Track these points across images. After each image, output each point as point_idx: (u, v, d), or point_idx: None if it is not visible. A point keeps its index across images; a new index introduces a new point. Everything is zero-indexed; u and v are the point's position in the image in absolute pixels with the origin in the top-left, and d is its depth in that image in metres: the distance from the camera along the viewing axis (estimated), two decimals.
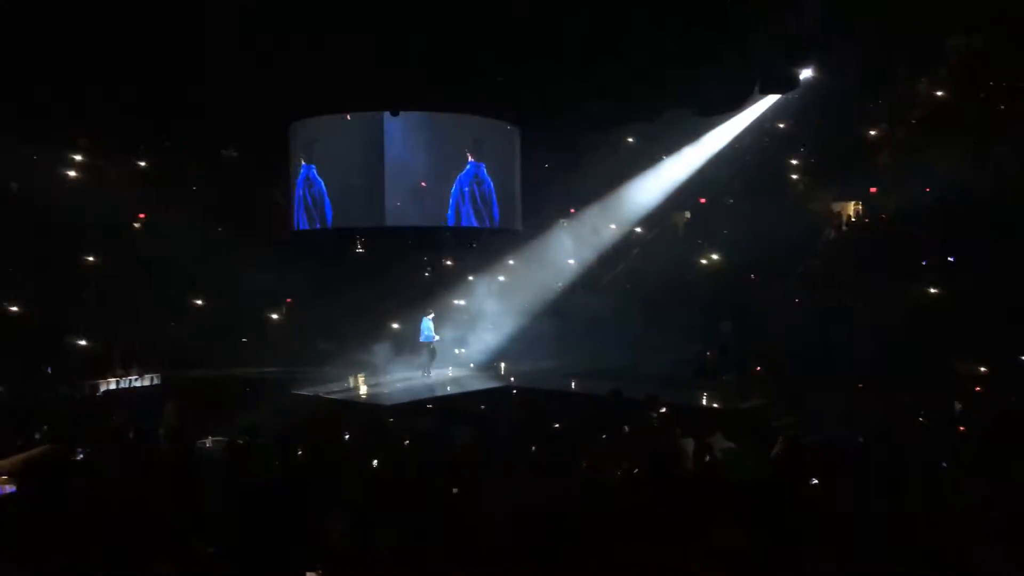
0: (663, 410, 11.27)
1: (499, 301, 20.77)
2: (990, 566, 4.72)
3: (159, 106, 16.18)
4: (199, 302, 24.70)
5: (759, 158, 25.21)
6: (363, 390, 14.83)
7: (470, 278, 25.29)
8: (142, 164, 24.96)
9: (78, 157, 24.65)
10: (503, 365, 17.00)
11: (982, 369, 14.59)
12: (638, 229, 25.36)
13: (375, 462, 8.95)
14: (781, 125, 24.47)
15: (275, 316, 25.12)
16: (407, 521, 5.99)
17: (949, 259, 18.80)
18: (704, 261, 23.31)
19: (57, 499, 5.72)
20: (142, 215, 25.70)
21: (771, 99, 20.84)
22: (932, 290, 17.93)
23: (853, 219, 23.67)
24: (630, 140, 24.74)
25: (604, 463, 8.80)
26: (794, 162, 25.17)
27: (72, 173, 24.88)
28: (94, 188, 24.74)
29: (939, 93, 23.06)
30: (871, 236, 21.40)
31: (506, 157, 16.71)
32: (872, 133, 23.85)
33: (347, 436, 10.34)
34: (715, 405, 12.93)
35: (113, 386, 17.37)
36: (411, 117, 15.27)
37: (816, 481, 7.44)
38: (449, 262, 26.67)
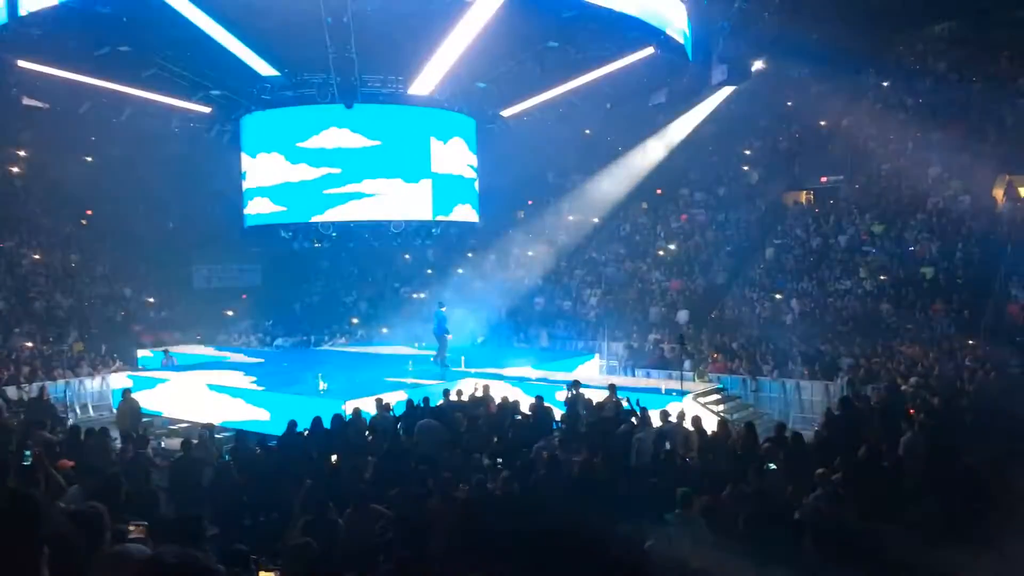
0: (622, 399, 11.34)
1: (458, 294, 20.73)
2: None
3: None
4: (151, 300, 24.21)
5: (715, 148, 25.48)
6: (322, 386, 14.64)
7: (428, 271, 25.19)
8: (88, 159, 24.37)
9: (22, 152, 24.04)
10: (463, 358, 16.91)
11: (929, 354, 14.93)
12: (595, 220, 25.44)
13: (334, 458, 8.86)
14: (736, 116, 24.71)
15: (230, 312, 24.74)
16: (367, 517, 5.93)
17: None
18: (661, 252, 23.49)
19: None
20: (88, 211, 25.11)
21: (727, 91, 21.10)
22: (882, 277, 18.32)
23: (807, 207, 24.04)
24: (587, 132, 24.78)
25: (563, 453, 8.84)
26: (747, 152, 25.48)
27: (16, 169, 24.24)
28: (41, 185, 24.13)
29: (885, 84, 23.59)
30: (824, 225, 21.74)
31: (463, 150, 16.65)
32: (823, 123, 24.25)
33: (306, 432, 10.19)
34: (673, 392, 13.06)
35: (63, 386, 16.85)
36: (364, 109, 15.10)
37: (774, 467, 7.54)
38: (407, 256, 26.49)
